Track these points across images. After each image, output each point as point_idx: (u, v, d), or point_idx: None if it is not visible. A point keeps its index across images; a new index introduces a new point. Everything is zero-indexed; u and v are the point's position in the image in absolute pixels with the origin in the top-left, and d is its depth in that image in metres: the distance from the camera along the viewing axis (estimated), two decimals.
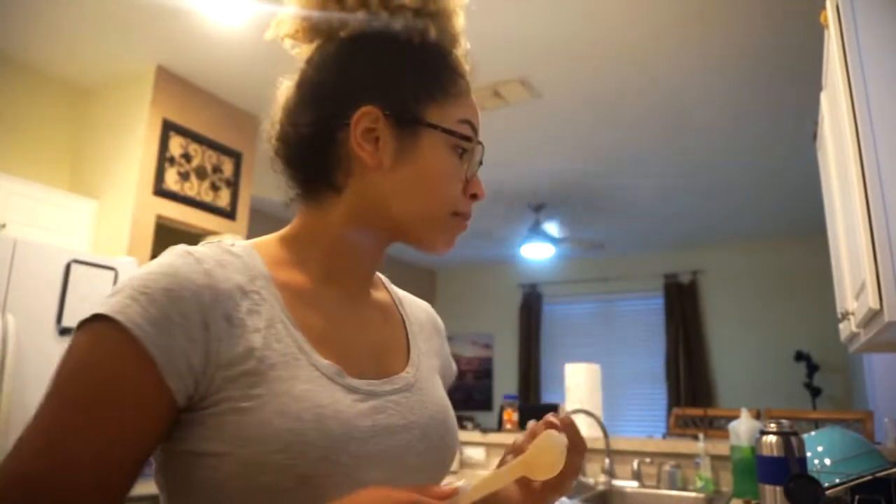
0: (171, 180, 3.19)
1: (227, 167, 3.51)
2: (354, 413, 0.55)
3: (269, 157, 0.67)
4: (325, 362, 0.56)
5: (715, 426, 3.56)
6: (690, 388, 5.95)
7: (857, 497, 1.38)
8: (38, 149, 3.21)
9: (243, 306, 0.54)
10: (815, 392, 5.30)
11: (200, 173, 3.35)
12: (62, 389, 0.48)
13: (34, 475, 0.45)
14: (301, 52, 0.68)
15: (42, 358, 2.35)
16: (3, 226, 2.63)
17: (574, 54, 2.99)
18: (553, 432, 0.55)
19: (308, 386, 0.53)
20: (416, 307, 0.77)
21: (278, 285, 0.58)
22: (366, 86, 0.61)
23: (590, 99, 3.41)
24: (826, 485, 1.27)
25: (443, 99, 0.62)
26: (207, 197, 3.38)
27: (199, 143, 3.34)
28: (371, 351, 0.63)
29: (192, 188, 3.30)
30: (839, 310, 1.78)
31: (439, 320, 0.81)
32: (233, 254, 0.58)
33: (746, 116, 3.56)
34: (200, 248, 0.56)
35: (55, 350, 2.40)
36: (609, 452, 2.31)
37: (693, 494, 2.16)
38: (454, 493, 0.48)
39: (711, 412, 3.85)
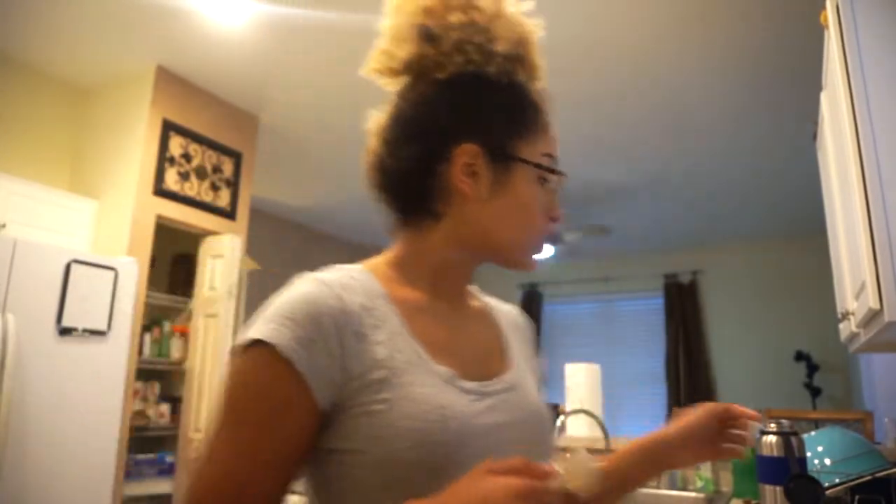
0: (171, 180, 3.19)
1: (227, 167, 3.51)
2: (471, 412, 0.61)
3: (369, 187, 0.74)
4: (441, 368, 0.63)
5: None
6: (690, 388, 5.95)
7: (856, 497, 1.38)
8: (38, 149, 3.21)
9: (368, 323, 0.61)
10: (815, 392, 5.30)
11: (200, 173, 3.35)
12: (237, 405, 0.58)
13: (229, 476, 0.56)
14: (388, 83, 0.75)
15: (42, 358, 2.35)
16: (3, 226, 2.64)
17: (574, 55, 2.99)
18: (578, 454, 0.58)
19: (428, 390, 0.60)
20: (504, 312, 0.83)
21: (394, 301, 0.66)
22: (464, 125, 0.67)
23: (590, 100, 3.41)
24: (826, 485, 1.27)
25: (528, 135, 0.69)
26: (207, 197, 3.38)
27: (199, 143, 3.34)
28: (477, 356, 0.70)
29: (192, 188, 3.30)
30: (839, 310, 1.78)
31: (524, 320, 0.87)
32: (352, 277, 0.65)
33: (747, 117, 3.56)
34: (328, 275, 0.64)
35: (55, 350, 2.40)
36: (609, 452, 2.31)
37: (693, 494, 2.16)
38: (554, 473, 0.52)
39: None
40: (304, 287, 0.61)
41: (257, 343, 0.57)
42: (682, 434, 0.79)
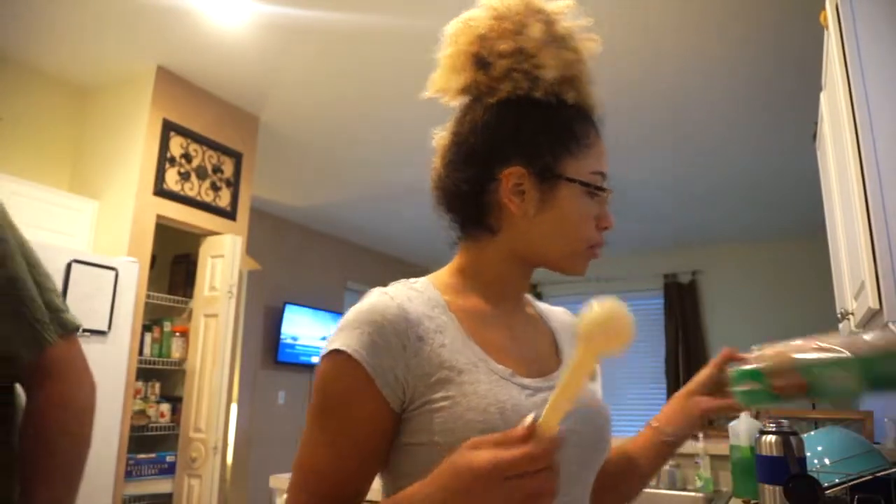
0: (172, 180, 3.19)
1: (228, 167, 3.51)
2: (528, 405, 0.66)
3: (434, 204, 0.79)
4: (499, 366, 0.68)
5: (714, 426, 3.56)
6: None
7: (856, 497, 1.38)
8: (38, 149, 3.21)
9: (429, 328, 0.67)
10: None
11: (201, 173, 3.35)
12: (319, 406, 0.66)
13: (316, 468, 0.65)
14: (447, 100, 0.80)
15: None
16: None
17: None
18: (604, 299, 0.55)
19: (489, 386, 0.66)
20: (556, 316, 0.88)
21: (453, 309, 0.72)
22: (512, 147, 0.72)
23: None
24: (825, 484, 1.28)
25: (577, 151, 0.73)
26: (207, 197, 3.38)
27: (199, 143, 3.35)
28: (532, 356, 0.75)
29: (193, 188, 3.30)
30: (839, 310, 1.78)
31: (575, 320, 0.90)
32: (415, 290, 0.72)
33: (747, 117, 3.57)
34: (392, 289, 0.70)
35: None
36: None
37: (693, 494, 2.16)
38: (532, 429, 0.51)
39: None
40: (370, 299, 0.68)
41: (332, 352, 0.65)
42: (696, 383, 0.90)
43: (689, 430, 0.87)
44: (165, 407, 3.29)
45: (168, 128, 3.18)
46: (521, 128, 0.73)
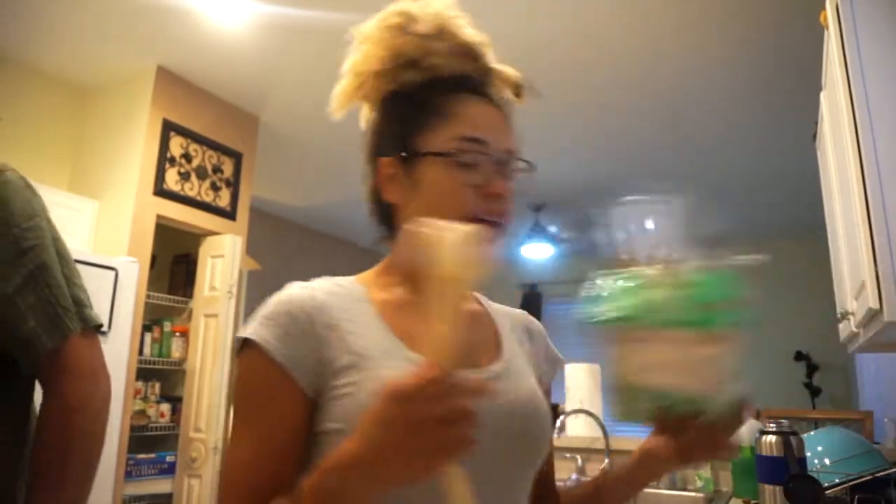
0: (172, 180, 3.19)
1: (227, 167, 3.51)
2: None
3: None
4: (415, 355, 0.67)
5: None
6: None
7: (856, 497, 1.39)
8: (38, 149, 3.21)
9: (343, 317, 0.68)
10: (814, 392, 5.30)
11: (201, 173, 3.35)
12: (239, 403, 0.66)
13: (244, 466, 0.63)
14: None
15: None
16: None
17: (573, 54, 2.99)
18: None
19: (398, 372, 0.62)
20: (508, 314, 0.88)
21: (374, 302, 0.73)
22: (382, 141, 0.78)
23: (589, 100, 3.41)
24: (825, 484, 1.28)
25: (436, 123, 0.73)
26: (207, 197, 3.38)
27: (199, 143, 3.35)
28: (463, 349, 0.70)
29: (193, 188, 3.30)
30: (839, 310, 1.78)
31: (534, 324, 0.91)
32: (339, 285, 0.74)
33: (746, 116, 3.57)
34: (312, 282, 0.72)
35: None
36: (609, 452, 2.31)
37: (693, 494, 2.16)
38: (434, 366, 0.51)
39: None
40: (285, 291, 0.70)
41: (245, 345, 0.66)
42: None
43: (640, 468, 0.79)
44: (165, 407, 3.29)
45: (168, 128, 3.18)
46: (383, 120, 0.79)
